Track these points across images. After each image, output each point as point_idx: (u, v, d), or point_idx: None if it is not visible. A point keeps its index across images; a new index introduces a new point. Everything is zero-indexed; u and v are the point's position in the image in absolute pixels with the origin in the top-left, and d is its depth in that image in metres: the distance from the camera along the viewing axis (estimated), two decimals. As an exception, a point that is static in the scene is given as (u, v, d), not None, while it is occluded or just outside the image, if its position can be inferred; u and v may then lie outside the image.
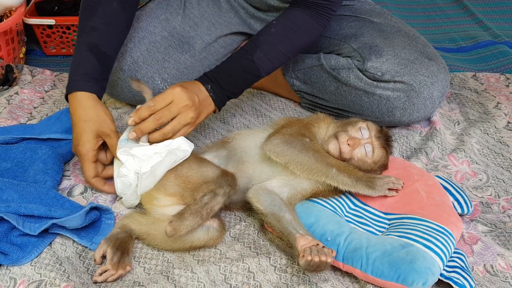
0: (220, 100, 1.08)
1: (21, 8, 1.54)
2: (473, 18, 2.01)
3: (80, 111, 1.03)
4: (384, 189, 0.99)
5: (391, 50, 1.23)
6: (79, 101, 1.03)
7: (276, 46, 1.11)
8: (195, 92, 1.03)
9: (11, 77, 1.45)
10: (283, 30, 1.12)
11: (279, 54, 1.12)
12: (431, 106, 1.24)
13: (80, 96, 1.04)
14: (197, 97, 1.03)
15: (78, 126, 1.03)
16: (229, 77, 1.08)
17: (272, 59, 1.11)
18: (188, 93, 1.01)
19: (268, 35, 1.12)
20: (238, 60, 1.10)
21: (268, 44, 1.10)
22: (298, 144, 0.99)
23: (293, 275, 0.92)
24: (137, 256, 0.96)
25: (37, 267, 0.90)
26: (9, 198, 0.97)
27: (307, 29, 1.14)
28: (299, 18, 1.13)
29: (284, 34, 1.12)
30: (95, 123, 1.02)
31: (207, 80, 1.07)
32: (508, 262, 0.95)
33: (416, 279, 0.85)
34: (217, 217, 0.98)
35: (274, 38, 1.11)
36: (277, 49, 1.12)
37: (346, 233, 0.93)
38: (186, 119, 1.01)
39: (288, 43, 1.13)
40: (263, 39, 1.11)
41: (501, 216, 1.07)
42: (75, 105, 1.04)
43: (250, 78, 1.11)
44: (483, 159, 1.24)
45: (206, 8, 1.36)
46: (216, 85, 1.07)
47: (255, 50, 1.10)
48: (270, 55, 1.11)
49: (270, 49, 1.11)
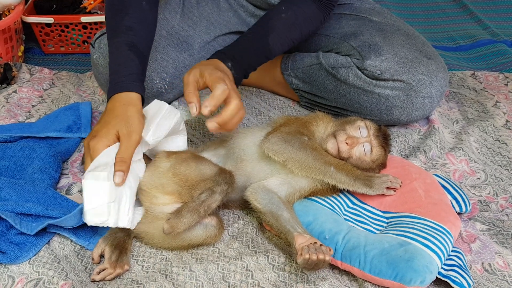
0: (238, 78, 1.07)
1: (19, 6, 1.54)
2: (472, 17, 2.01)
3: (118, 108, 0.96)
4: (382, 188, 0.99)
5: (390, 48, 1.23)
6: (122, 100, 0.97)
7: (287, 32, 1.14)
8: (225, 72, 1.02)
9: (9, 75, 1.45)
10: (294, 17, 1.14)
11: (288, 40, 1.15)
12: (430, 105, 1.24)
13: (126, 95, 0.98)
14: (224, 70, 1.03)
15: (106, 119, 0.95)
16: (246, 56, 1.09)
17: (282, 44, 1.14)
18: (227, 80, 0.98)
19: (279, 20, 1.13)
20: (253, 42, 1.11)
21: (279, 29, 1.12)
22: (296, 142, 0.99)
23: (291, 274, 0.92)
24: (135, 254, 0.96)
25: (35, 265, 0.90)
26: (7, 197, 0.97)
27: (314, 19, 1.18)
28: (309, 8, 1.16)
29: (295, 21, 1.14)
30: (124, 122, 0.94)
31: (226, 58, 1.06)
32: (506, 260, 0.95)
33: (414, 278, 0.85)
34: (215, 215, 0.98)
35: (286, 24, 1.13)
36: (287, 35, 1.14)
37: (344, 232, 0.93)
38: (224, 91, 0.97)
39: (297, 31, 1.16)
40: (275, 24, 1.13)
41: (499, 215, 1.07)
42: (116, 103, 0.97)
43: (262, 59, 1.13)
44: (482, 158, 1.24)
45: (205, 7, 1.36)
46: (235, 63, 1.06)
47: (268, 33, 1.11)
48: (281, 40, 1.13)
49: (282, 34, 1.13)
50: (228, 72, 1.04)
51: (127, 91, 0.99)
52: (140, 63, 1.04)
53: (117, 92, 0.99)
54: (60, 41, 1.69)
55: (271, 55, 1.13)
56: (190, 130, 1.31)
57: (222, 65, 1.04)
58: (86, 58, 1.66)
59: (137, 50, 1.04)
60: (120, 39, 1.05)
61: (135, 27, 1.06)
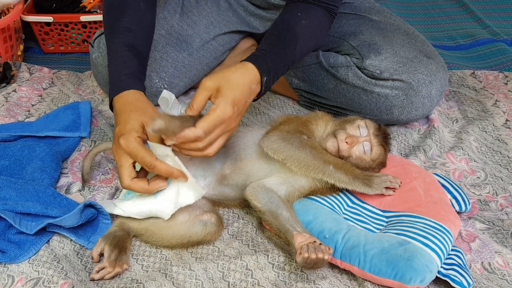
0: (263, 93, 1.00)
1: (19, 5, 1.53)
2: (472, 16, 2.01)
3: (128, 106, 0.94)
4: (381, 188, 0.99)
5: (390, 48, 1.23)
6: (127, 99, 0.96)
7: (308, 40, 1.07)
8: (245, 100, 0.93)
9: (9, 74, 1.45)
10: (313, 25, 1.08)
11: (308, 48, 1.09)
12: (430, 104, 1.24)
13: (127, 94, 0.97)
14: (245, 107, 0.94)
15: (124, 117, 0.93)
16: (278, 69, 1.01)
17: (303, 53, 1.08)
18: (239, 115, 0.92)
19: (301, 27, 1.06)
20: (286, 51, 1.02)
21: (303, 37, 1.05)
22: (295, 141, 0.99)
23: (291, 273, 0.92)
24: (135, 253, 0.96)
25: (34, 264, 0.90)
26: (7, 196, 0.97)
27: (325, 27, 1.12)
28: (321, 16, 1.10)
29: (314, 29, 1.09)
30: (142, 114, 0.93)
31: (265, 71, 0.96)
32: (505, 259, 0.95)
33: (413, 277, 0.85)
34: (215, 213, 0.99)
35: (307, 32, 1.06)
36: (308, 44, 1.08)
37: (344, 231, 0.93)
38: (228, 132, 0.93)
39: (314, 39, 1.10)
40: (299, 31, 1.05)
41: (499, 214, 1.07)
42: (122, 103, 0.96)
43: (285, 71, 1.06)
44: (481, 157, 1.24)
45: (205, 6, 1.36)
46: (268, 78, 0.98)
47: (296, 42, 1.04)
48: (303, 49, 1.07)
49: (305, 43, 1.06)
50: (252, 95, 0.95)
51: (129, 89, 0.98)
52: (139, 63, 1.03)
53: (118, 92, 0.98)
54: (59, 40, 1.68)
55: (293, 64, 1.07)
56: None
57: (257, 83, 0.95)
58: (86, 57, 1.66)
59: (136, 51, 1.04)
60: (118, 40, 1.04)
61: (133, 28, 1.05)
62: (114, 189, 1.10)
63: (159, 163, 0.89)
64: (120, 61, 1.02)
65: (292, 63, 1.05)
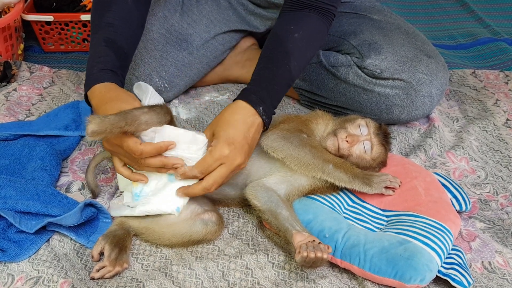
0: (269, 121, 1.00)
1: (19, 4, 1.53)
2: (472, 15, 2.01)
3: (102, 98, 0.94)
4: (380, 187, 0.99)
5: (390, 47, 1.23)
6: (100, 91, 0.95)
7: (303, 53, 1.05)
8: (244, 135, 0.94)
9: (9, 73, 1.45)
10: (307, 36, 1.05)
11: (306, 61, 1.07)
12: (430, 103, 1.24)
13: (100, 87, 0.96)
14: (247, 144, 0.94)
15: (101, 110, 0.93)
16: (274, 92, 1.00)
17: (301, 66, 1.05)
18: (237, 150, 0.92)
19: (294, 41, 1.03)
20: (276, 71, 1.01)
21: (297, 51, 1.03)
22: (295, 140, 0.99)
23: (291, 272, 0.92)
24: (135, 252, 0.96)
25: (34, 263, 0.90)
26: (7, 195, 0.97)
27: (321, 34, 1.10)
28: (315, 23, 1.07)
29: (308, 40, 1.06)
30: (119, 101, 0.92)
31: (257, 102, 0.97)
32: (506, 259, 0.95)
33: (413, 276, 0.85)
34: (215, 212, 0.99)
35: (301, 44, 1.04)
36: (305, 56, 1.06)
37: (344, 230, 0.93)
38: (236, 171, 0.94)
39: (311, 49, 1.07)
40: (292, 46, 1.03)
41: (499, 213, 1.07)
42: (97, 97, 0.95)
43: (286, 88, 1.04)
44: (482, 156, 1.24)
45: (205, 5, 1.36)
46: (266, 106, 0.98)
47: (289, 58, 1.02)
48: (300, 63, 1.04)
49: (300, 57, 1.04)
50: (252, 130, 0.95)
51: (100, 82, 0.96)
52: (117, 58, 1.01)
53: (90, 87, 0.97)
54: (60, 39, 1.68)
55: (293, 82, 1.05)
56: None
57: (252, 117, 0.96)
58: (86, 56, 1.63)
59: (115, 46, 1.02)
60: (97, 35, 1.03)
61: (115, 23, 1.04)
62: (114, 188, 1.10)
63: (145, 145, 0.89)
64: (96, 55, 1.01)
65: (291, 80, 1.04)
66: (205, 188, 0.92)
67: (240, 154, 0.92)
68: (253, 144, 0.97)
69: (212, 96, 1.44)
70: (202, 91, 1.46)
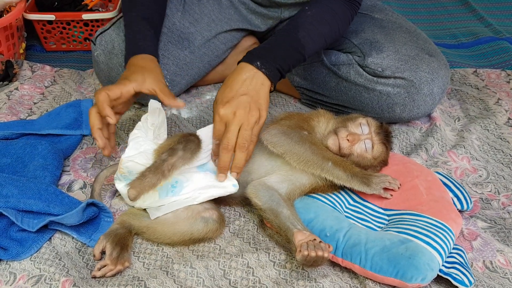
0: (273, 74, 1.01)
1: (21, 3, 1.54)
2: (474, 14, 2.00)
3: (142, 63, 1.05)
4: (379, 188, 0.99)
5: (391, 46, 1.23)
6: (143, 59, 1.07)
7: (316, 26, 1.08)
8: (239, 91, 0.97)
9: (11, 72, 1.45)
10: (320, 12, 1.10)
11: (320, 35, 1.09)
12: (431, 102, 1.24)
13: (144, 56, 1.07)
14: (244, 95, 0.97)
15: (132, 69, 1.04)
16: (277, 52, 1.03)
17: (314, 39, 1.07)
18: (232, 104, 0.96)
19: (306, 17, 1.09)
20: (284, 38, 1.06)
21: (308, 24, 1.07)
22: (295, 136, 0.99)
23: (292, 271, 0.92)
24: (136, 251, 0.96)
25: (36, 262, 0.91)
26: (9, 194, 0.97)
27: (342, 16, 1.12)
28: (333, 3, 1.11)
29: (322, 16, 1.09)
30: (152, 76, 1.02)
31: (254, 58, 1.01)
32: (507, 258, 0.95)
33: (415, 275, 0.85)
34: (216, 210, 0.99)
35: (313, 19, 1.08)
36: (317, 30, 1.08)
37: (345, 229, 0.93)
38: (250, 123, 0.96)
39: (326, 26, 1.10)
40: (303, 20, 1.08)
41: (501, 213, 1.07)
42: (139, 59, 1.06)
43: (296, 55, 1.06)
44: (483, 155, 1.24)
45: (206, 4, 1.36)
46: (265, 60, 1.01)
47: (297, 29, 1.06)
48: (312, 35, 1.07)
49: (311, 29, 1.07)
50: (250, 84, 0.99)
51: (146, 53, 1.08)
52: (155, 34, 1.14)
53: (135, 54, 1.08)
54: (61, 38, 1.69)
55: (304, 50, 1.06)
56: (191, 128, 1.31)
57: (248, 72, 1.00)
58: (88, 55, 1.66)
59: (152, 22, 1.14)
60: (133, 14, 1.14)
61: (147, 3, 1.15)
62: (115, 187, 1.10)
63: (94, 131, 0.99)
64: (136, 29, 1.12)
65: (301, 47, 1.06)
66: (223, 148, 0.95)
67: (239, 108, 0.96)
68: (257, 97, 0.98)
69: (213, 95, 1.44)
70: (203, 90, 1.47)
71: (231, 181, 0.98)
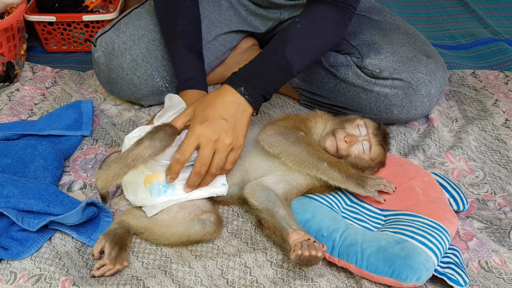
0: (256, 101, 1.00)
1: (22, 5, 1.55)
2: (473, 15, 2.00)
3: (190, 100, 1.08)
4: (373, 191, 0.99)
5: (389, 47, 1.24)
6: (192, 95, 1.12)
7: (305, 40, 1.04)
8: (220, 114, 0.96)
9: (12, 73, 1.46)
10: (311, 24, 1.06)
11: (309, 50, 1.06)
12: (429, 103, 1.24)
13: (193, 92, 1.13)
14: (224, 120, 0.96)
15: None
16: (262, 75, 1.00)
17: (303, 54, 1.04)
18: (210, 125, 0.94)
19: (295, 30, 1.05)
20: (269, 56, 1.03)
21: (296, 38, 1.03)
22: (291, 136, 1.00)
23: (289, 270, 0.93)
24: (135, 250, 0.97)
25: (37, 261, 0.92)
26: (10, 194, 0.98)
27: (335, 26, 1.09)
28: (326, 14, 1.07)
29: (312, 28, 1.06)
30: None
31: (239, 82, 0.99)
32: (502, 258, 0.96)
33: (410, 275, 0.86)
34: (215, 212, 1.00)
35: (302, 32, 1.04)
36: (307, 44, 1.05)
37: (342, 229, 0.94)
38: (224, 149, 0.96)
39: (317, 38, 1.06)
40: (291, 35, 1.04)
41: (497, 213, 1.07)
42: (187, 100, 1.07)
43: (283, 75, 1.03)
44: (480, 156, 1.24)
45: (206, 6, 1.36)
46: (249, 86, 0.99)
47: (285, 45, 1.02)
48: (300, 50, 1.03)
49: (300, 44, 1.03)
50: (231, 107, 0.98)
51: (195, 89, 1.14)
52: (200, 62, 1.17)
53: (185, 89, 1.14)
54: (62, 39, 1.70)
55: (291, 68, 1.03)
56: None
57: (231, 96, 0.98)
58: (88, 57, 1.67)
59: (196, 51, 1.18)
60: (178, 44, 1.17)
61: (189, 29, 1.18)
62: (115, 187, 1.11)
63: None
64: (184, 63, 1.16)
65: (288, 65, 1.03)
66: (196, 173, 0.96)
67: (216, 131, 0.95)
68: (237, 123, 0.97)
69: (213, 96, 1.45)
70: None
71: (221, 180, 1.02)
